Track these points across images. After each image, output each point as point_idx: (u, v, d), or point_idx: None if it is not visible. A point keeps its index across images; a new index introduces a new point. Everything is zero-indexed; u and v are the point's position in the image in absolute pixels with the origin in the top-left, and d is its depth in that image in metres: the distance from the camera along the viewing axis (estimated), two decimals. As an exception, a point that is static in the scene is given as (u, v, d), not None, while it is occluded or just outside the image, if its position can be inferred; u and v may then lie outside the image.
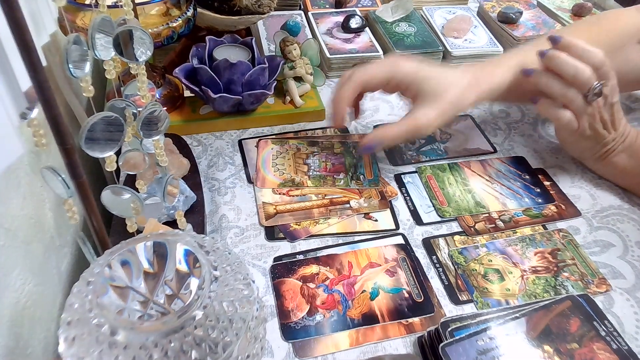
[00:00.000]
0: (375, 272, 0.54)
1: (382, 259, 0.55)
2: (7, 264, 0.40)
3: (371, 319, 0.50)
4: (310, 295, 0.51)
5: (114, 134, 0.38)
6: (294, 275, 0.53)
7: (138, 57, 0.41)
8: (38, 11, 0.53)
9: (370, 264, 0.55)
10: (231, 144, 0.70)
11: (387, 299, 0.51)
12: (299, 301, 0.51)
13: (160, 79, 0.72)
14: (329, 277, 0.53)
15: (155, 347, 0.30)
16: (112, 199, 0.42)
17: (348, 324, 0.49)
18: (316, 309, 0.50)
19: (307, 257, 0.55)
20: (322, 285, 0.52)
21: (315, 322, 0.49)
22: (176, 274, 0.35)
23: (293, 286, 0.52)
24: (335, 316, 0.50)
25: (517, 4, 0.96)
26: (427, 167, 0.67)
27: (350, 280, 0.53)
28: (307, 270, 0.54)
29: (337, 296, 0.51)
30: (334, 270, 0.54)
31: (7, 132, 0.35)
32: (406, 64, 0.59)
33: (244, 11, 0.76)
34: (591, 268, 0.55)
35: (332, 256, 0.55)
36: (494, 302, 0.51)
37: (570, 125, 0.58)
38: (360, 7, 0.97)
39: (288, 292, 0.52)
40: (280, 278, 0.53)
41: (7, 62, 0.32)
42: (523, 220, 0.60)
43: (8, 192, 0.42)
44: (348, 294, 0.52)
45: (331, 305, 0.51)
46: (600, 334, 0.47)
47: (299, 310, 0.50)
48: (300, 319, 0.49)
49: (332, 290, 0.52)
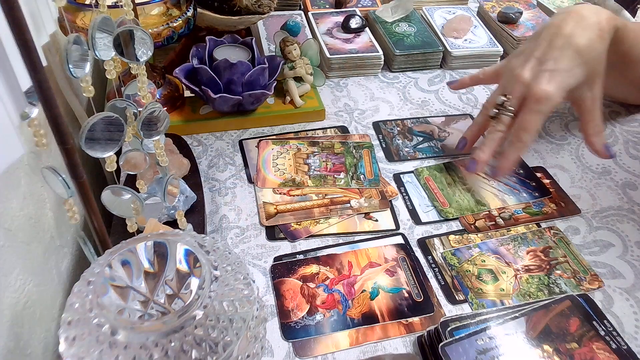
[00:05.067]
0: (375, 272, 0.54)
1: (382, 258, 0.55)
2: (7, 264, 0.40)
3: (371, 319, 0.50)
4: (311, 295, 0.51)
5: (114, 134, 0.38)
6: (294, 275, 0.53)
7: (138, 57, 0.41)
8: (38, 11, 0.53)
9: (370, 263, 0.55)
10: (231, 144, 0.70)
11: (387, 299, 0.51)
12: (299, 301, 0.51)
13: (160, 79, 0.72)
14: (329, 277, 0.53)
15: (156, 346, 0.30)
16: (112, 199, 0.42)
17: (348, 323, 0.49)
18: (316, 308, 0.50)
19: (307, 257, 0.55)
20: (322, 285, 0.52)
21: (315, 321, 0.49)
22: (176, 274, 0.35)
23: (293, 286, 0.52)
24: (335, 316, 0.50)
25: (517, 4, 0.96)
26: (423, 168, 0.67)
27: (350, 280, 0.53)
28: (307, 270, 0.54)
29: (337, 296, 0.51)
30: (334, 270, 0.54)
31: (7, 132, 0.35)
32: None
33: (244, 11, 0.76)
34: (583, 265, 0.55)
35: (332, 256, 0.55)
36: (488, 303, 0.51)
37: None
38: (360, 7, 0.97)
39: (288, 292, 0.52)
40: (281, 278, 0.53)
41: (7, 62, 0.32)
42: (523, 217, 0.60)
43: (8, 192, 0.42)
44: (348, 294, 0.52)
45: (331, 305, 0.51)
46: (600, 334, 0.47)
47: (299, 309, 0.50)
48: (301, 319, 0.49)
49: (332, 290, 0.52)
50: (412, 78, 0.85)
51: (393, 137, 0.72)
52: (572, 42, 0.55)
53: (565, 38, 0.55)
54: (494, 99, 0.58)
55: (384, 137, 0.72)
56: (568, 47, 0.55)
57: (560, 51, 0.55)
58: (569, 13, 0.57)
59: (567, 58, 0.54)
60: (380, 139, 0.72)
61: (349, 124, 0.74)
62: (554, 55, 0.55)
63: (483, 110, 0.60)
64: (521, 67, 0.56)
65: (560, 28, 0.56)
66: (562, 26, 0.56)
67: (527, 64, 0.56)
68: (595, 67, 0.56)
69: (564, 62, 0.54)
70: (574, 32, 0.55)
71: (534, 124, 0.55)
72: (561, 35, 0.55)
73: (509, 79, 0.57)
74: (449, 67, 0.87)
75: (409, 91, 0.82)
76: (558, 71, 0.54)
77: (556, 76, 0.54)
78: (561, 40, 0.55)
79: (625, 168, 0.67)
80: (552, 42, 0.56)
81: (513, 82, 0.56)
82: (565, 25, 0.56)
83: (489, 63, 0.87)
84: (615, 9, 0.96)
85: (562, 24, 0.56)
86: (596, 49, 0.55)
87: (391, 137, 0.72)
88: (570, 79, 0.54)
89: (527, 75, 0.55)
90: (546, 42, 0.56)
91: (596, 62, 0.56)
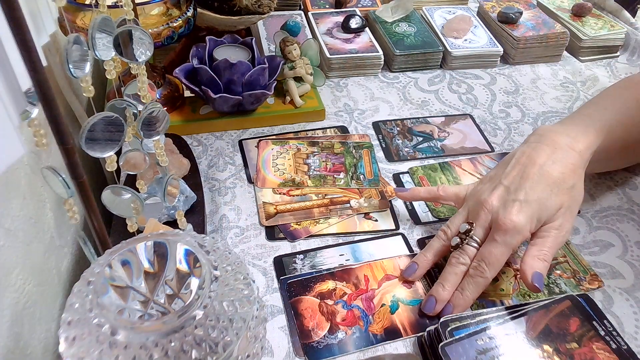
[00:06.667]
0: (393, 285, 0.52)
1: (397, 270, 0.54)
2: (7, 264, 0.40)
3: (394, 333, 0.48)
4: (330, 313, 0.50)
5: (114, 134, 0.38)
6: (310, 293, 0.52)
7: (138, 57, 0.41)
8: (38, 11, 0.54)
9: (386, 276, 0.53)
10: (231, 144, 0.70)
11: (407, 312, 0.50)
12: (318, 319, 0.49)
13: (160, 79, 0.72)
14: (346, 293, 0.52)
15: (156, 346, 0.30)
16: (112, 199, 0.42)
17: (371, 340, 0.48)
18: (337, 326, 0.49)
19: (322, 273, 0.53)
20: (341, 302, 0.51)
21: (337, 340, 0.48)
22: (176, 274, 0.35)
23: (311, 304, 0.51)
24: (357, 332, 0.48)
25: (517, 4, 0.96)
26: (418, 167, 0.67)
27: (368, 295, 0.51)
28: (324, 287, 0.52)
29: (357, 312, 0.50)
30: (350, 284, 0.52)
31: (7, 132, 0.35)
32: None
33: (244, 11, 0.76)
34: (582, 265, 0.55)
35: (348, 270, 0.54)
36: (488, 303, 0.51)
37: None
38: (360, 7, 0.97)
39: (307, 311, 0.50)
40: (297, 296, 0.51)
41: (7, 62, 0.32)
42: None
43: (8, 192, 0.42)
44: (368, 309, 0.50)
45: (352, 322, 0.49)
46: (600, 334, 0.47)
47: (319, 328, 0.49)
48: (322, 338, 0.48)
49: (351, 305, 0.50)
50: (412, 78, 0.85)
51: (393, 137, 0.72)
52: (545, 173, 0.50)
53: (538, 167, 0.50)
54: (456, 225, 0.52)
55: (383, 137, 0.72)
56: (541, 177, 0.50)
57: (532, 182, 0.50)
58: (543, 141, 0.52)
59: (540, 189, 0.49)
60: (380, 139, 0.72)
61: (349, 124, 0.74)
62: (525, 185, 0.50)
63: (441, 235, 0.53)
64: (489, 193, 0.51)
65: (531, 158, 0.51)
66: (534, 156, 0.51)
67: (495, 191, 0.51)
68: (573, 197, 0.51)
69: (536, 193, 0.49)
70: (545, 163, 0.51)
71: (500, 258, 0.48)
72: (533, 165, 0.51)
73: (474, 205, 0.52)
74: (449, 67, 0.87)
75: (409, 91, 0.82)
76: (529, 202, 0.49)
77: (526, 207, 0.49)
78: (533, 170, 0.50)
79: (625, 168, 0.67)
80: (523, 172, 0.51)
81: (479, 208, 0.51)
82: (537, 155, 0.51)
83: (489, 63, 0.88)
84: (616, 8, 0.96)
85: (534, 154, 0.51)
86: (568, 182, 0.50)
87: (391, 137, 0.72)
88: (542, 211, 0.49)
89: (495, 203, 0.50)
90: (517, 171, 0.51)
91: (573, 193, 0.51)
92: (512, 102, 0.80)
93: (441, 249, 0.53)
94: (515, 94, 0.82)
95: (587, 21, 0.92)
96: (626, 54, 0.92)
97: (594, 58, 0.91)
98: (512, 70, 0.88)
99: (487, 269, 0.48)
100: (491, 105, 0.79)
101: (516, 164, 0.52)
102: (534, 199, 0.49)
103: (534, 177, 0.50)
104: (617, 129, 0.56)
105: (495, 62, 0.88)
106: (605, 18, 0.93)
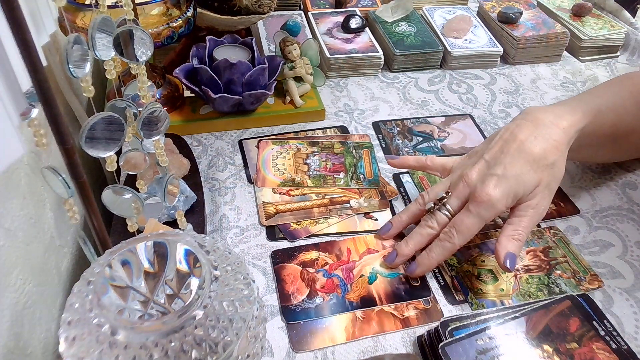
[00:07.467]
0: (374, 258, 0.55)
1: (380, 245, 0.56)
2: (7, 264, 0.40)
3: (369, 302, 0.51)
4: (310, 280, 0.53)
5: (114, 134, 0.38)
6: (294, 261, 0.55)
7: (138, 57, 0.41)
8: (38, 11, 0.53)
9: (368, 250, 0.56)
10: (231, 144, 0.70)
11: (384, 283, 0.52)
12: (299, 285, 0.52)
13: (160, 79, 0.72)
14: (328, 263, 0.54)
15: (156, 346, 0.30)
16: (112, 199, 0.42)
17: (347, 306, 0.50)
18: (316, 292, 0.51)
19: (307, 244, 0.56)
20: (322, 270, 0.54)
21: (315, 304, 0.50)
22: (176, 274, 0.35)
23: (293, 271, 0.53)
24: (334, 299, 0.51)
25: (517, 4, 0.96)
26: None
27: (348, 266, 0.54)
28: (307, 256, 0.55)
29: (336, 280, 0.53)
30: (333, 256, 0.55)
31: (7, 132, 0.35)
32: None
33: (244, 11, 0.76)
34: (583, 265, 0.55)
35: (332, 243, 0.57)
36: (488, 303, 0.51)
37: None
38: (360, 7, 0.97)
39: (288, 277, 0.53)
40: (281, 263, 0.54)
41: (7, 62, 0.32)
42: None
43: (8, 192, 0.42)
44: (347, 279, 0.53)
45: (330, 289, 0.52)
46: (600, 334, 0.47)
47: (299, 293, 0.51)
48: (301, 302, 0.51)
49: (331, 274, 0.53)
50: (412, 78, 0.85)
51: (393, 137, 0.72)
52: (525, 149, 0.51)
53: (519, 144, 0.51)
54: (435, 192, 0.54)
55: (383, 137, 0.72)
56: (520, 153, 0.51)
57: (512, 157, 0.51)
58: (528, 118, 0.53)
59: (519, 164, 0.50)
60: (380, 139, 0.72)
61: (349, 124, 0.74)
62: (505, 160, 0.51)
63: (419, 199, 0.56)
64: (470, 167, 0.52)
65: (514, 134, 0.52)
66: (517, 132, 0.52)
67: (476, 165, 0.52)
68: (552, 175, 0.51)
69: (514, 168, 0.50)
70: (527, 139, 0.51)
71: (470, 228, 0.50)
72: (514, 140, 0.52)
73: (456, 177, 0.54)
74: (449, 67, 0.87)
75: (409, 91, 0.82)
76: (507, 177, 0.50)
77: (504, 182, 0.49)
78: (514, 146, 0.51)
79: (625, 167, 0.68)
80: (504, 147, 0.52)
81: (459, 181, 0.52)
82: (520, 131, 0.52)
83: (489, 63, 0.88)
84: (616, 8, 0.96)
85: (517, 130, 0.52)
86: (549, 158, 0.51)
87: (391, 137, 0.72)
88: (519, 187, 0.50)
89: (474, 176, 0.51)
90: (499, 147, 0.52)
91: (553, 170, 0.51)
92: (512, 102, 0.80)
93: (417, 212, 0.56)
94: (515, 94, 0.82)
95: (587, 21, 0.92)
96: (626, 54, 0.92)
97: (594, 58, 0.91)
98: (512, 70, 0.88)
99: (457, 235, 0.50)
100: (491, 105, 0.79)
101: (499, 140, 0.53)
102: (512, 175, 0.50)
103: (514, 152, 0.51)
104: (608, 114, 0.56)
105: (495, 62, 0.88)
106: (605, 18, 0.93)
